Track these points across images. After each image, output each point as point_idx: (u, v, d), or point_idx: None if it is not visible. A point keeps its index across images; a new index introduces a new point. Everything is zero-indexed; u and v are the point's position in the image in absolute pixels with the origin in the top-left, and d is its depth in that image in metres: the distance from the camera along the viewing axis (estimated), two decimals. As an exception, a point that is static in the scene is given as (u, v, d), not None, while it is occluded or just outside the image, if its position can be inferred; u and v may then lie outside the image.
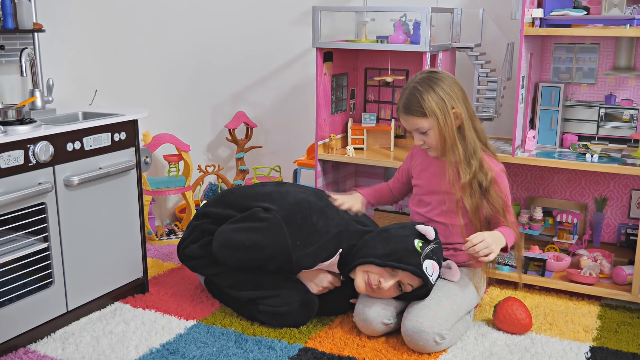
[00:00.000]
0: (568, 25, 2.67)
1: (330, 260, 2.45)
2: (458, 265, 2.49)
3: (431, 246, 2.33)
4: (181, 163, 3.65)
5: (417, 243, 2.32)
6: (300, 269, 2.45)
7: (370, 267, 2.34)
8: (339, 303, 2.56)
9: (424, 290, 2.32)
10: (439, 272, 2.36)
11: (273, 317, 2.45)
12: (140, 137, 3.04)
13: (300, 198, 2.48)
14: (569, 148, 2.88)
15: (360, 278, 2.37)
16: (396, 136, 3.26)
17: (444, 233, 2.50)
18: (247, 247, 2.38)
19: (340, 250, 2.45)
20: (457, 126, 2.40)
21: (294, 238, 2.37)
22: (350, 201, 2.64)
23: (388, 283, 2.31)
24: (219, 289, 2.62)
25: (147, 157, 3.20)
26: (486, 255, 2.29)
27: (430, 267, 2.30)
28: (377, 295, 2.37)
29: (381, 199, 2.81)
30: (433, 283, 2.32)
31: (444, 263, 2.43)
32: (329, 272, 2.52)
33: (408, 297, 2.37)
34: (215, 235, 2.48)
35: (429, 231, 2.35)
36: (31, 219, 2.28)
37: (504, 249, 2.38)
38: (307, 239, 2.39)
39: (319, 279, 2.50)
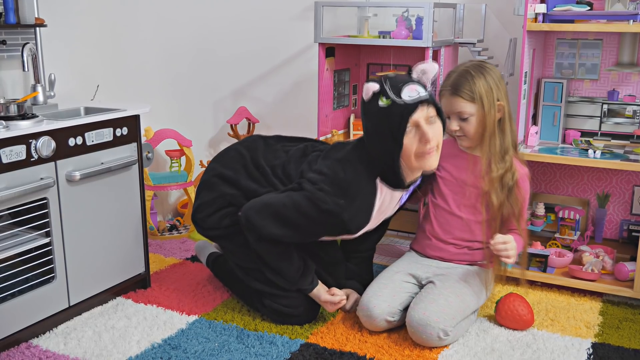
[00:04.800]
0: (571, 21, 2.66)
1: (377, 195, 2.29)
2: (471, 264, 2.49)
3: (388, 86, 2.18)
4: (183, 158, 3.65)
5: (384, 101, 2.18)
6: (359, 229, 2.30)
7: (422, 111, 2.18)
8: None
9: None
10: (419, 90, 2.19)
11: (276, 314, 2.45)
12: (142, 132, 3.04)
13: (319, 168, 2.32)
14: (571, 144, 2.88)
15: (411, 142, 2.21)
16: (398, 132, 3.25)
17: (462, 228, 2.49)
18: (288, 207, 2.24)
19: (379, 175, 2.28)
20: (498, 119, 2.40)
21: (335, 197, 2.23)
22: None
23: (437, 123, 2.21)
24: (225, 270, 2.61)
25: (149, 152, 3.20)
26: (508, 257, 2.29)
27: (408, 91, 2.17)
28: (436, 141, 2.24)
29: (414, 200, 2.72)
30: (427, 95, 2.19)
31: (416, 69, 2.25)
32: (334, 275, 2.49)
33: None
34: (250, 204, 2.32)
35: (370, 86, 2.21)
36: (33, 214, 2.29)
37: None
38: (345, 194, 2.24)
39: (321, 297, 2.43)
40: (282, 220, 2.27)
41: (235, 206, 2.44)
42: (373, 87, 2.21)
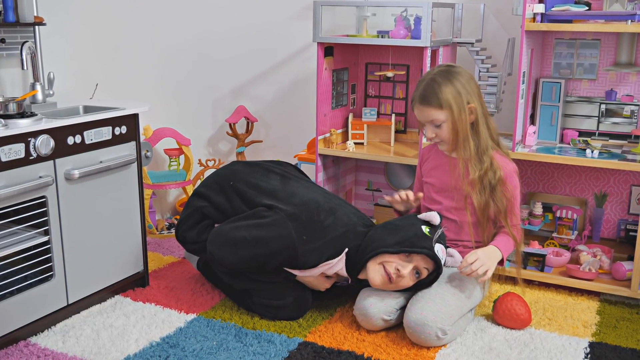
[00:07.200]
0: (569, 21, 2.67)
1: (337, 258, 2.38)
2: None
3: (438, 231, 2.35)
4: (182, 157, 3.65)
5: (425, 229, 2.33)
6: (306, 266, 2.38)
7: (384, 256, 2.32)
8: (333, 290, 2.57)
9: (432, 276, 2.34)
10: (445, 259, 2.36)
11: (267, 310, 2.47)
12: (141, 131, 3.04)
13: (307, 199, 2.44)
14: (569, 144, 2.88)
15: (376, 271, 2.34)
16: (396, 131, 3.26)
17: (455, 230, 2.51)
18: (249, 242, 2.33)
19: (347, 249, 2.39)
20: (471, 121, 2.40)
21: (300, 233, 2.33)
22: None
23: (407, 269, 2.30)
24: (214, 273, 2.63)
25: (147, 151, 3.21)
26: (484, 274, 2.30)
27: (440, 251, 2.31)
28: (394, 287, 2.34)
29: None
30: (443, 267, 2.33)
31: (447, 251, 2.43)
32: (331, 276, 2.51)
33: (416, 286, 2.37)
34: (213, 236, 2.42)
35: (433, 216, 2.36)
36: (32, 213, 2.29)
37: (500, 262, 2.39)
38: (313, 234, 2.35)
39: (320, 283, 2.49)
40: (244, 253, 2.36)
41: (210, 219, 2.55)
42: (434, 218, 2.37)
